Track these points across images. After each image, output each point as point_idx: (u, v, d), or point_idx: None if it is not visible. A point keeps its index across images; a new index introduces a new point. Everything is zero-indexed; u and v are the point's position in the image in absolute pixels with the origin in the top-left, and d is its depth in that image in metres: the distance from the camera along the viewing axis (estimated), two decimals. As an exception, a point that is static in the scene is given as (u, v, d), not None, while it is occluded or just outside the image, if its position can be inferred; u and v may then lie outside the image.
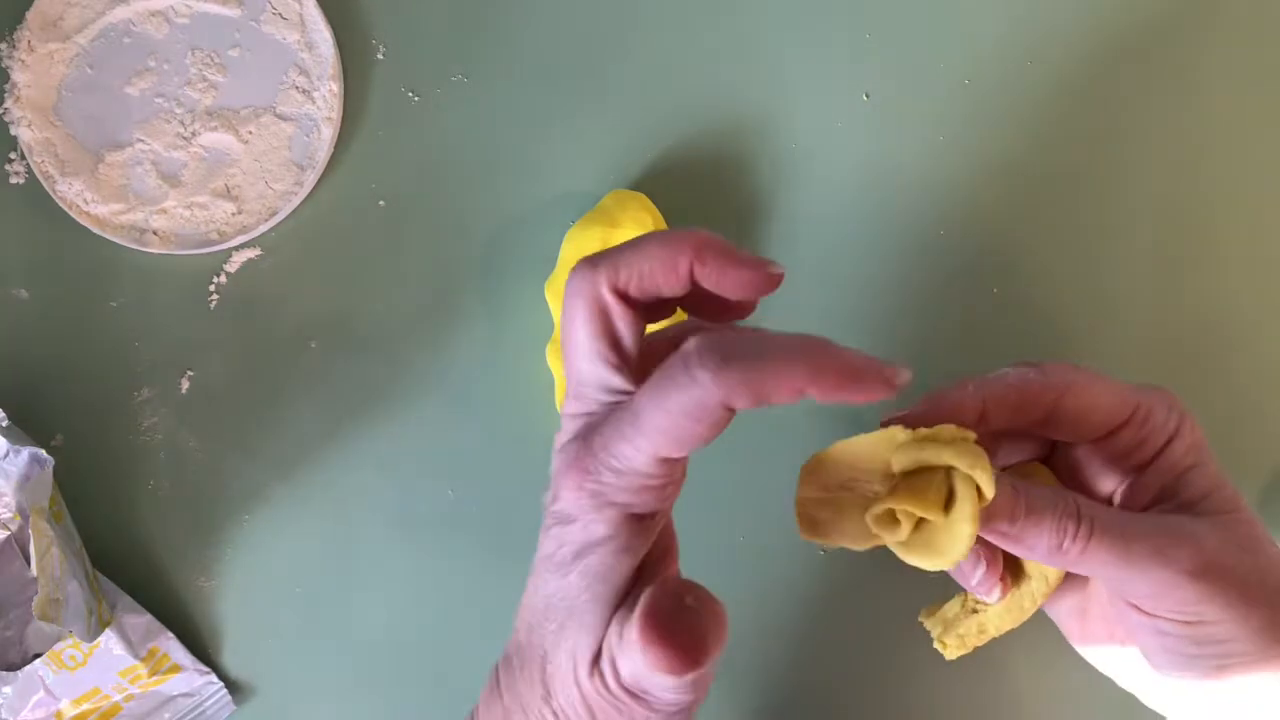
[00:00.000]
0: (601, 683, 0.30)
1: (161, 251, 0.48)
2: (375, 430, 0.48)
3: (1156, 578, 0.33)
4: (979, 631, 0.39)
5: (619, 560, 0.30)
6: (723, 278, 0.30)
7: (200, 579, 0.48)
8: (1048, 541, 0.33)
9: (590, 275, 0.30)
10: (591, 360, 0.30)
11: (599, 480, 0.30)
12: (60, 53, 0.48)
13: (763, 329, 0.31)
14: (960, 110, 0.49)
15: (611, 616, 0.30)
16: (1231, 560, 0.34)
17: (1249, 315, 0.49)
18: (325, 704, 0.48)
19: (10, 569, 0.45)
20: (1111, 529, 0.33)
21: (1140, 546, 0.33)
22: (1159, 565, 0.33)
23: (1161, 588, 0.33)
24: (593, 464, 0.30)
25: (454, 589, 0.48)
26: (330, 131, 0.48)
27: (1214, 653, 0.34)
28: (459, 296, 0.48)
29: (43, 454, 0.42)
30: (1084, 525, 0.33)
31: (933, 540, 0.32)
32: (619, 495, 0.30)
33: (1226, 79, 0.49)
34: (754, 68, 0.49)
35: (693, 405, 0.28)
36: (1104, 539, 0.33)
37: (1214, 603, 0.33)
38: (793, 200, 0.49)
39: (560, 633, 0.31)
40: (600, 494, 0.30)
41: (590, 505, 0.30)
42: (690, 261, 0.30)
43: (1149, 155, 0.49)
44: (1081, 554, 0.33)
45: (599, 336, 0.30)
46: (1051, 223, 0.49)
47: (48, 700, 0.45)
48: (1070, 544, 0.33)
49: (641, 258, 0.30)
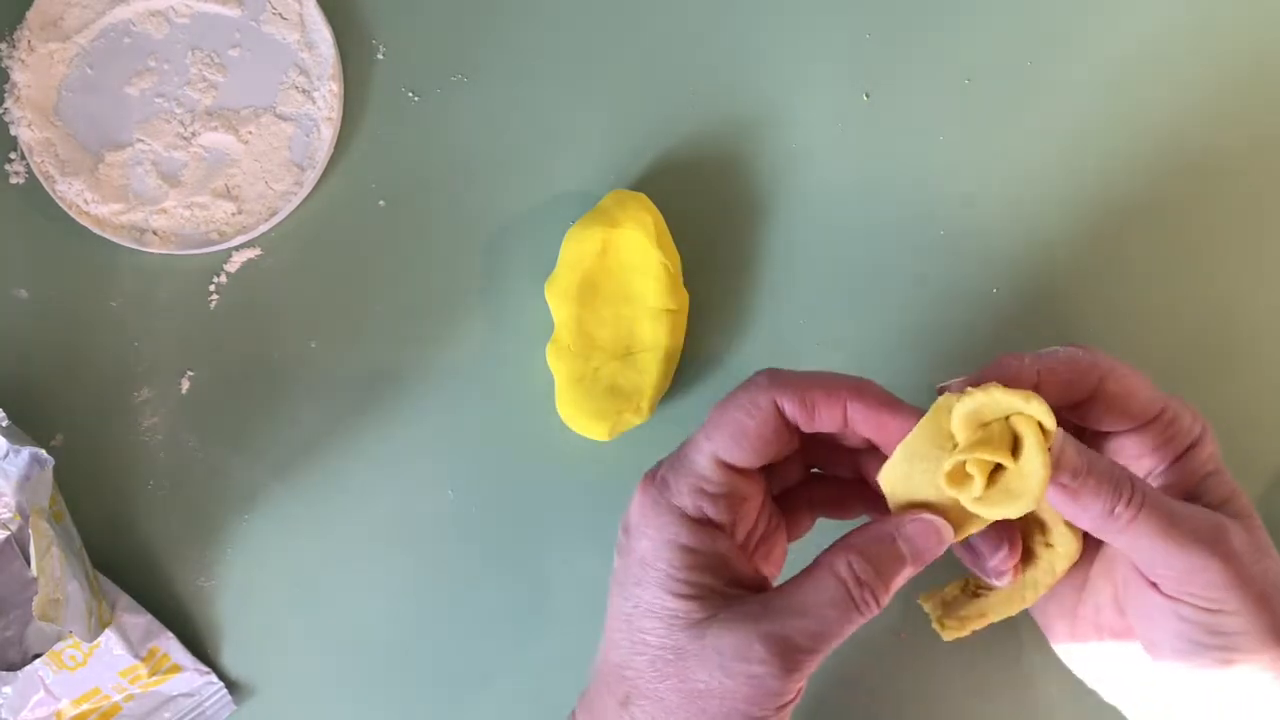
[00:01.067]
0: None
1: (161, 251, 0.48)
2: (375, 431, 0.48)
3: (1193, 557, 0.34)
4: (979, 615, 0.40)
5: (673, 553, 0.33)
6: (878, 426, 0.35)
7: (200, 579, 0.48)
8: (1103, 505, 0.34)
9: (764, 382, 0.35)
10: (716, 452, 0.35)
11: (661, 487, 0.34)
12: (60, 53, 0.48)
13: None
14: (960, 110, 0.49)
15: (669, 594, 0.33)
16: (1250, 559, 0.35)
17: (1250, 316, 0.49)
18: (325, 704, 0.48)
19: (10, 569, 0.45)
20: (1160, 505, 0.35)
21: (1183, 526, 0.34)
22: (1197, 546, 0.34)
23: (1195, 568, 0.34)
24: (658, 476, 0.35)
25: (454, 589, 0.48)
26: (330, 131, 0.48)
27: (1224, 644, 0.35)
28: (459, 296, 0.49)
29: (43, 454, 0.42)
30: (1137, 496, 0.34)
31: (1008, 487, 0.33)
32: (676, 497, 0.34)
33: (1226, 78, 0.49)
34: (754, 68, 0.49)
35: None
36: (1153, 513, 0.34)
37: (1237, 593, 0.34)
38: (793, 200, 0.49)
39: (630, 625, 0.34)
40: (659, 499, 0.34)
41: (650, 508, 0.34)
42: (845, 399, 0.34)
43: (1150, 155, 0.49)
44: (1130, 523, 0.34)
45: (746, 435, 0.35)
46: (1052, 222, 0.49)
47: (48, 700, 0.45)
48: (1122, 509, 0.34)
49: (809, 384, 0.34)
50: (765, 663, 0.32)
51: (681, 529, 0.34)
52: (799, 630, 0.32)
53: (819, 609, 0.33)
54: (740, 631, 0.32)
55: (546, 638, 0.47)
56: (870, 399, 0.35)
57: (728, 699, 0.32)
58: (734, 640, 0.32)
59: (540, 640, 0.47)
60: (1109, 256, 0.49)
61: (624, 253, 0.46)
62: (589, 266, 0.46)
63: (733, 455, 0.34)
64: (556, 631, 0.47)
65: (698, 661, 0.32)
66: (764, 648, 0.32)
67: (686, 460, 0.35)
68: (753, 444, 0.34)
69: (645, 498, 0.35)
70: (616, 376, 0.46)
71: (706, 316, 0.48)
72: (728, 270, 0.48)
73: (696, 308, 0.48)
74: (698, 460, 0.34)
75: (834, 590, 0.33)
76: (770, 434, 0.34)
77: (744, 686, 0.32)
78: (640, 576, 0.34)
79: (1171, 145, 0.49)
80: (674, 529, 0.34)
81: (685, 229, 0.48)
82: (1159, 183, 0.49)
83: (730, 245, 0.49)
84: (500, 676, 0.47)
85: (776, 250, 0.49)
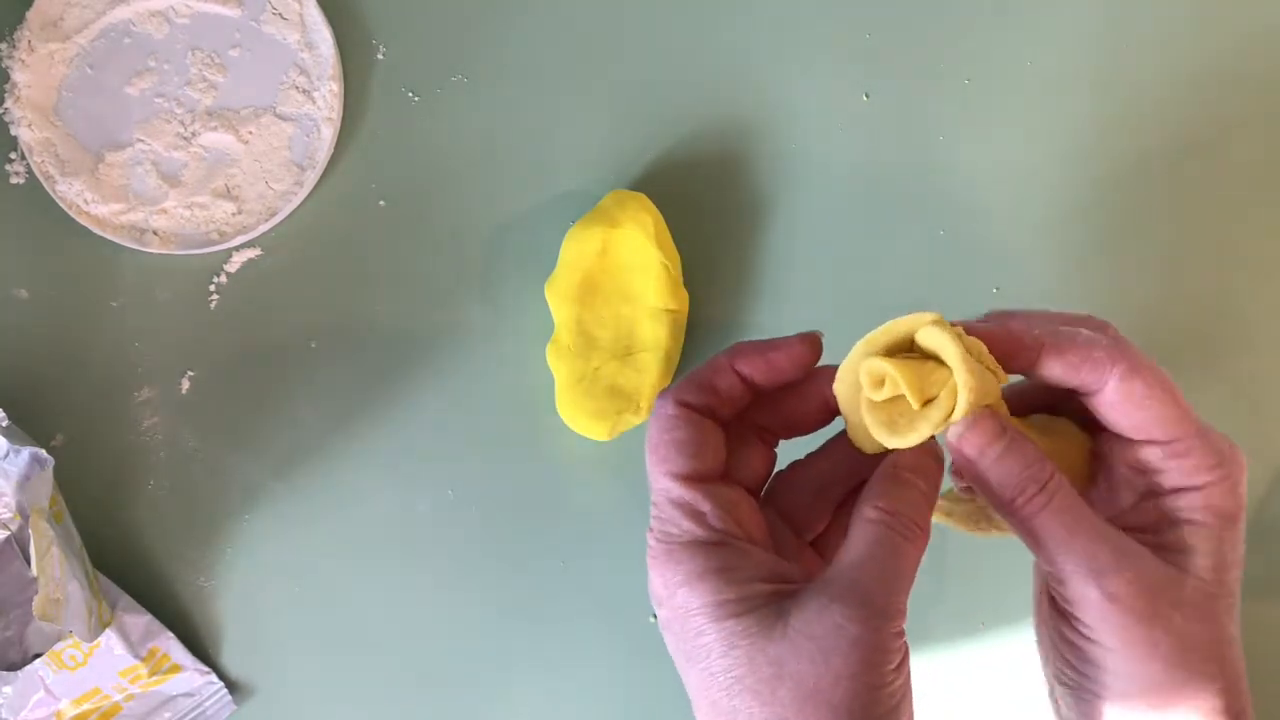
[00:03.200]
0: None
1: (161, 251, 0.48)
2: (375, 430, 0.48)
3: (1077, 577, 0.33)
4: (944, 513, 0.39)
5: (708, 582, 0.33)
6: (767, 366, 0.35)
7: (200, 579, 0.48)
8: (1004, 491, 0.33)
9: (660, 399, 0.35)
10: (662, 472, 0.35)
11: (661, 538, 0.34)
12: (60, 53, 0.48)
13: None
14: (960, 110, 0.49)
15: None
16: (1161, 608, 0.33)
17: (1251, 316, 0.49)
18: (325, 704, 0.48)
19: (10, 569, 0.45)
20: (1066, 513, 0.33)
21: (1082, 542, 0.33)
22: (1086, 569, 0.33)
23: (1078, 588, 0.33)
24: (652, 536, 0.34)
25: (453, 589, 0.48)
26: (330, 131, 0.48)
27: (1100, 682, 0.33)
28: (459, 296, 0.49)
29: (43, 454, 0.42)
30: (1043, 496, 0.33)
31: (893, 420, 0.33)
32: (678, 536, 0.34)
33: (1226, 77, 0.49)
34: (754, 68, 0.49)
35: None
36: (1054, 518, 0.33)
37: (1115, 631, 0.32)
38: (793, 200, 0.49)
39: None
40: (666, 549, 0.34)
41: (665, 563, 0.34)
42: (731, 364, 0.34)
43: (1150, 154, 0.49)
44: (1029, 518, 0.33)
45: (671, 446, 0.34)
46: (1051, 222, 0.49)
47: (48, 700, 0.45)
48: (1023, 503, 0.33)
49: (695, 373, 0.35)
50: (855, 620, 0.31)
51: (702, 557, 0.33)
52: (866, 579, 0.32)
53: (873, 555, 0.32)
54: (815, 607, 0.31)
55: (546, 637, 0.47)
56: (747, 350, 0.35)
57: (844, 677, 0.31)
58: (814, 617, 0.31)
59: (540, 640, 0.47)
60: (1109, 256, 0.49)
61: (624, 253, 0.46)
62: (589, 266, 0.46)
63: (685, 466, 0.34)
64: (556, 631, 0.47)
65: (796, 658, 0.31)
66: (844, 609, 0.31)
67: (660, 504, 0.34)
68: (689, 447, 0.34)
69: (655, 561, 0.34)
70: (616, 376, 0.46)
71: (706, 316, 0.48)
72: (728, 270, 0.48)
73: (696, 308, 0.48)
74: (669, 493, 0.34)
75: (874, 532, 0.32)
76: (695, 430, 0.34)
77: (852, 654, 0.31)
78: (695, 626, 0.32)
79: (1171, 144, 0.49)
80: (695, 562, 0.33)
81: (685, 229, 0.48)
82: (1158, 182, 0.49)
83: (730, 245, 0.49)
84: (500, 676, 0.48)
85: (776, 250, 0.49)
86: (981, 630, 0.48)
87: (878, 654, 0.31)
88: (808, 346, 0.35)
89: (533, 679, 0.47)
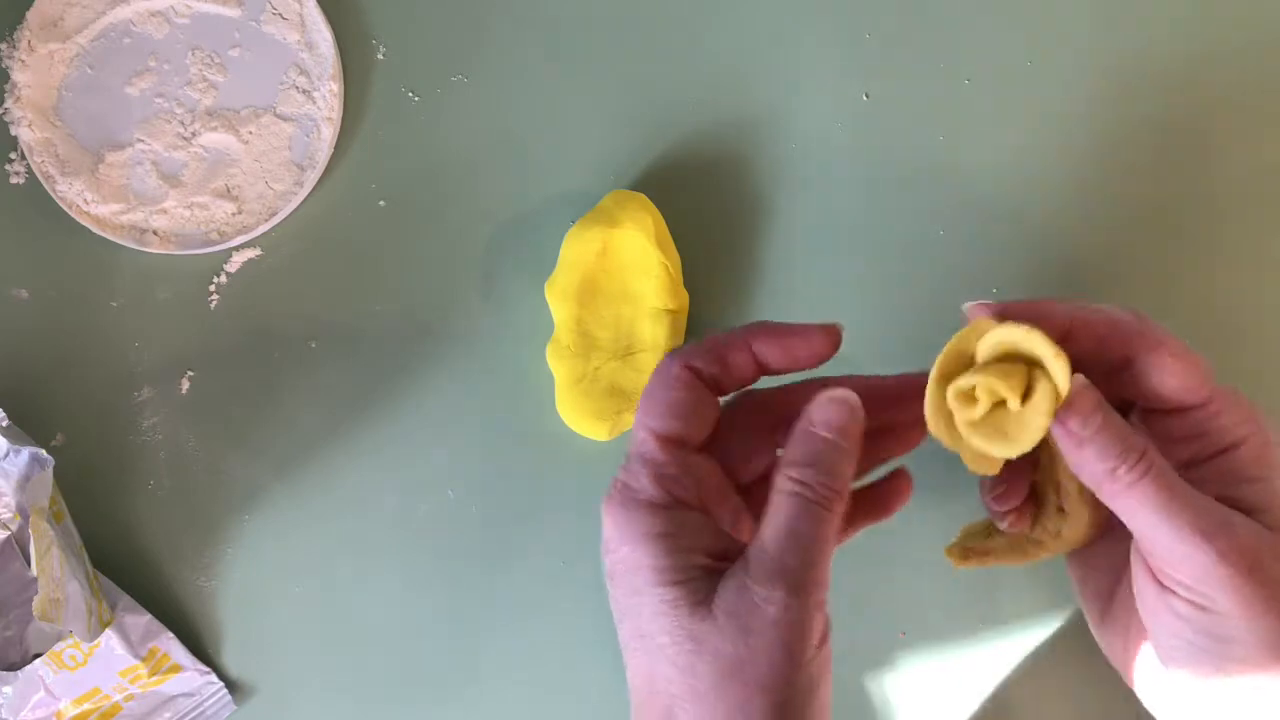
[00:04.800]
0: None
1: (161, 251, 0.48)
2: (375, 430, 0.48)
3: (1185, 542, 0.32)
4: (984, 553, 0.40)
5: (654, 544, 0.33)
6: (783, 352, 0.35)
7: (200, 579, 0.48)
8: (1106, 462, 0.33)
9: (668, 357, 0.35)
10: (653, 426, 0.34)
11: (623, 491, 0.34)
12: (60, 53, 0.48)
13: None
14: (960, 110, 0.49)
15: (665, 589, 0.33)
16: (1265, 562, 0.33)
17: (1251, 315, 0.49)
18: (325, 704, 0.48)
19: (10, 569, 0.45)
20: (1166, 478, 0.33)
21: (1183, 506, 0.33)
22: (1193, 531, 0.32)
23: (1185, 555, 0.33)
24: (617, 485, 0.34)
25: (453, 589, 0.48)
26: (330, 131, 0.48)
27: (1218, 650, 0.33)
28: (459, 296, 0.49)
29: (43, 454, 0.42)
30: (1144, 463, 0.33)
31: (1004, 426, 0.33)
32: (639, 493, 0.34)
33: (1227, 76, 0.49)
34: (754, 68, 0.49)
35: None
36: (1155, 483, 0.33)
37: (1227, 591, 0.32)
38: (793, 200, 0.49)
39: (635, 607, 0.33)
40: (623, 502, 0.33)
41: (619, 514, 0.33)
42: (748, 342, 0.35)
43: (1150, 153, 0.49)
44: (1129, 487, 0.33)
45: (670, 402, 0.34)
46: (1052, 222, 0.49)
47: (48, 700, 0.45)
48: (1125, 472, 0.33)
49: (710, 341, 0.35)
50: (773, 601, 0.31)
51: (654, 519, 0.33)
52: (785, 553, 0.32)
53: (791, 527, 0.32)
54: (735, 586, 0.32)
55: (547, 637, 0.47)
56: (768, 331, 0.35)
57: (761, 655, 0.31)
58: (734, 596, 0.31)
59: (540, 640, 0.47)
60: (1109, 255, 0.49)
61: (624, 253, 0.46)
62: (589, 266, 0.46)
63: (669, 427, 0.34)
64: (557, 631, 0.47)
65: (717, 636, 0.31)
66: (766, 586, 0.31)
67: (633, 455, 0.34)
68: (681, 410, 0.34)
69: (611, 509, 0.34)
70: (616, 376, 0.46)
71: (706, 316, 0.48)
72: (728, 270, 0.48)
73: (696, 308, 0.48)
74: (643, 448, 0.34)
75: (790, 504, 0.32)
76: (693, 396, 0.34)
77: (769, 632, 0.31)
78: (634, 584, 0.33)
79: (1172, 144, 0.49)
80: (646, 522, 0.33)
81: (685, 229, 0.48)
82: (1159, 181, 0.49)
83: (730, 245, 0.49)
84: (500, 676, 0.47)
85: (776, 250, 0.49)
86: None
87: (796, 631, 0.31)
88: (827, 339, 0.35)
89: (533, 678, 0.47)
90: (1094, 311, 0.36)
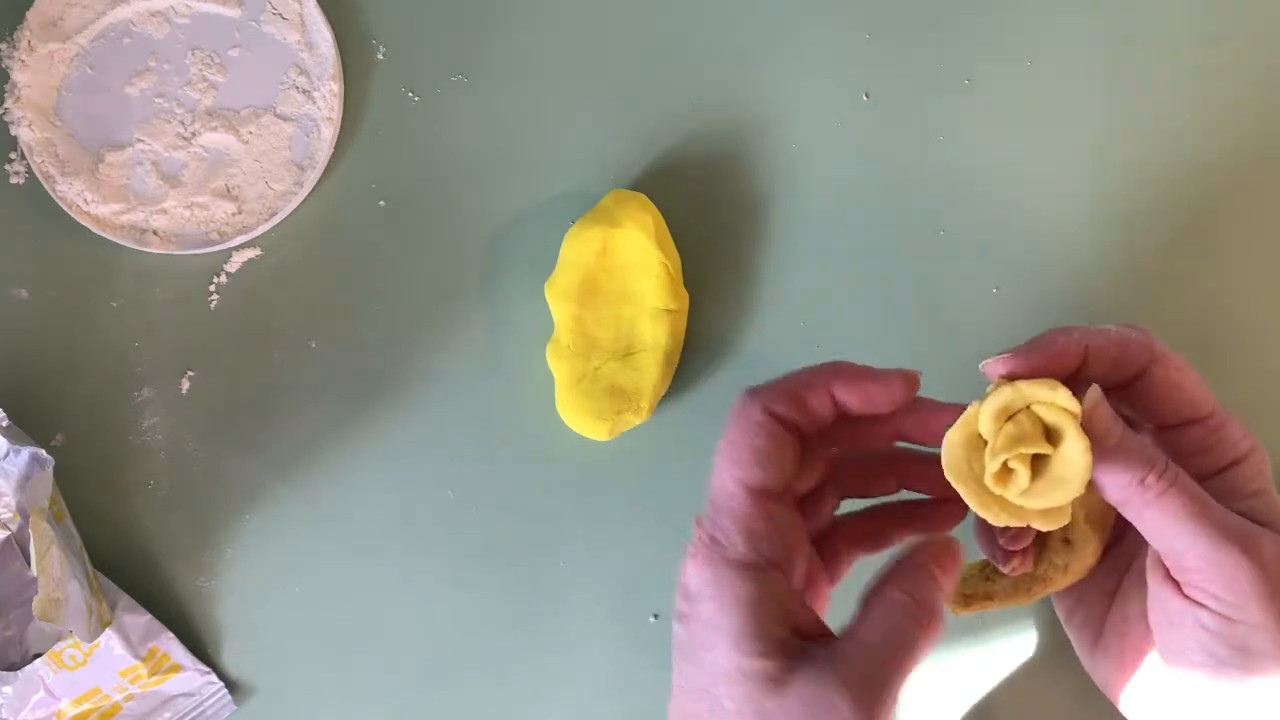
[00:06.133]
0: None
1: (161, 251, 0.48)
2: (375, 431, 0.48)
3: (1220, 551, 0.33)
4: (986, 597, 0.40)
5: (741, 609, 0.32)
6: (864, 397, 0.35)
7: (200, 579, 0.48)
8: (1132, 474, 0.33)
9: (748, 399, 0.34)
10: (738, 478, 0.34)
11: (712, 544, 0.33)
12: (60, 53, 0.48)
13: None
14: (960, 110, 0.49)
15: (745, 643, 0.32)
16: None
17: (1252, 315, 0.49)
18: (325, 704, 0.48)
19: (10, 569, 0.45)
20: (1193, 489, 0.33)
21: (1215, 516, 0.33)
22: (1226, 540, 0.33)
23: (1220, 563, 0.33)
24: (705, 535, 0.33)
25: (453, 589, 0.48)
26: (330, 131, 0.48)
27: (1244, 662, 0.33)
28: (459, 296, 0.49)
29: (43, 454, 0.42)
30: (1171, 471, 0.33)
31: (1053, 474, 0.33)
32: (731, 549, 0.33)
33: (1228, 76, 0.49)
34: (754, 67, 0.49)
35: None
36: (1184, 492, 0.33)
37: (1261, 604, 0.33)
38: (793, 200, 0.49)
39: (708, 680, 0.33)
40: (713, 555, 0.33)
41: (708, 567, 0.33)
42: (828, 385, 0.34)
43: (1150, 153, 0.49)
44: (1160, 496, 0.33)
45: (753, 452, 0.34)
46: (1052, 222, 0.49)
47: (48, 700, 0.45)
48: (1155, 480, 0.33)
49: (789, 382, 0.34)
50: (850, 705, 0.31)
51: (745, 581, 0.33)
52: (873, 666, 0.32)
53: (887, 641, 0.32)
54: (821, 683, 0.31)
55: (546, 638, 0.47)
56: (848, 375, 0.35)
57: None
58: (814, 688, 0.31)
59: (540, 640, 0.47)
60: (1110, 255, 0.49)
61: (624, 253, 0.46)
62: (589, 266, 0.46)
63: (757, 477, 0.33)
64: (556, 631, 0.47)
65: (783, 716, 0.31)
66: (847, 695, 0.31)
67: (721, 506, 0.34)
68: (769, 457, 0.34)
69: (698, 566, 0.33)
70: (616, 376, 0.46)
71: (706, 316, 0.48)
72: (728, 270, 0.49)
73: (696, 308, 0.48)
74: (731, 499, 0.33)
75: (893, 616, 0.33)
76: (778, 444, 0.34)
77: None
78: (710, 639, 0.32)
79: (1172, 144, 0.49)
80: (736, 583, 0.32)
81: (685, 229, 0.48)
82: (1160, 181, 0.49)
83: (730, 245, 0.49)
84: (500, 677, 0.47)
85: (776, 250, 0.49)
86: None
87: None
88: (907, 386, 0.35)
89: (532, 679, 0.47)
90: (1101, 334, 0.36)
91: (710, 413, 0.47)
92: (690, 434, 0.48)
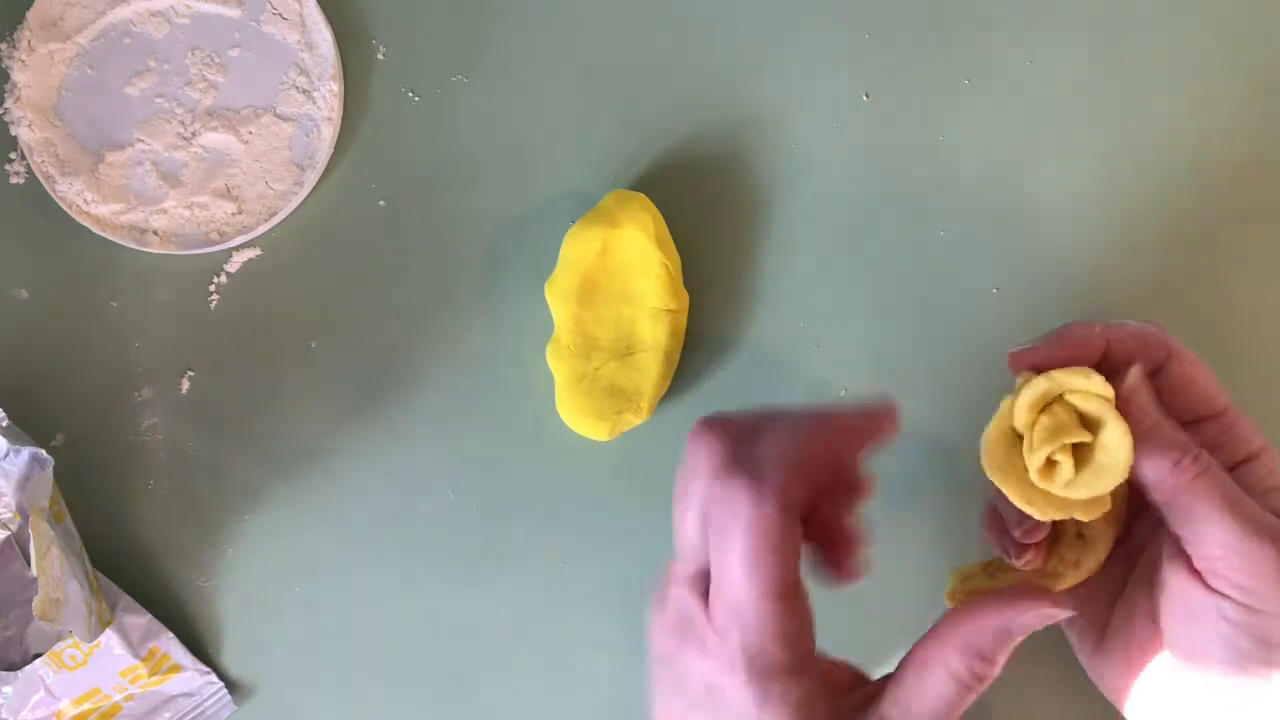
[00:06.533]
0: None
1: (161, 251, 0.48)
2: (375, 430, 0.48)
3: (1250, 540, 0.32)
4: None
5: (797, 713, 0.30)
6: (862, 441, 0.32)
7: (200, 579, 0.48)
8: (1170, 453, 0.33)
9: (753, 494, 0.29)
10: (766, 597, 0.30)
11: (751, 662, 0.30)
12: (60, 53, 0.48)
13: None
14: (960, 110, 0.49)
15: None
16: None
17: (1252, 316, 0.49)
18: (325, 704, 0.48)
19: (10, 569, 0.45)
20: (1223, 476, 0.33)
21: (1245, 505, 0.33)
22: (1257, 529, 0.33)
23: (1249, 552, 0.33)
24: (745, 655, 0.30)
25: (454, 589, 0.48)
26: (330, 131, 0.48)
27: (1263, 656, 0.33)
28: (459, 296, 0.49)
29: (43, 454, 0.42)
30: (1204, 459, 0.33)
31: (1093, 462, 0.33)
32: (769, 656, 0.30)
33: (1228, 76, 0.49)
34: (754, 68, 0.49)
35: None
36: (1216, 478, 0.33)
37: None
38: (793, 200, 0.49)
39: None
40: (755, 670, 0.30)
41: (749, 682, 0.30)
42: (830, 448, 0.31)
43: (1151, 153, 0.49)
44: (1195, 479, 0.33)
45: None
46: (1052, 222, 0.49)
47: (48, 700, 0.45)
48: (1190, 463, 0.33)
49: (805, 462, 0.30)
50: None
51: (790, 689, 0.31)
52: None
53: (935, 712, 0.31)
54: None
55: (546, 638, 0.47)
56: (828, 433, 0.31)
57: None
58: None
59: (540, 640, 0.47)
60: (1110, 255, 0.49)
61: (624, 253, 0.46)
62: (589, 266, 0.46)
63: (786, 582, 0.30)
64: (556, 631, 0.47)
65: None
66: None
67: (749, 625, 0.30)
68: (791, 558, 0.30)
69: (740, 674, 0.30)
70: (616, 376, 0.46)
71: (706, 316, 0.48)
72: (728, 270, 0.48)
73: (696, 308, 0.48)
74: (765, 616, 0.30)
75: (951, 689, 0.31)
76: (796, 538, 0.30)
77: None
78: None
79: (1173, 144, 0.49)
80: (784, 692, 0.31)
81: (685, 229, 0.48)
82: (1161, 182, 0.49)
83: (730, 245, 0.49)
84: (500, 677, 0.48)
85: (776, 250, 0.49)
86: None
87: None
88: (891, 421, 0.33)
89: (532, 678, 0.47)
90: (1121, 328, 0.36)
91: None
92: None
